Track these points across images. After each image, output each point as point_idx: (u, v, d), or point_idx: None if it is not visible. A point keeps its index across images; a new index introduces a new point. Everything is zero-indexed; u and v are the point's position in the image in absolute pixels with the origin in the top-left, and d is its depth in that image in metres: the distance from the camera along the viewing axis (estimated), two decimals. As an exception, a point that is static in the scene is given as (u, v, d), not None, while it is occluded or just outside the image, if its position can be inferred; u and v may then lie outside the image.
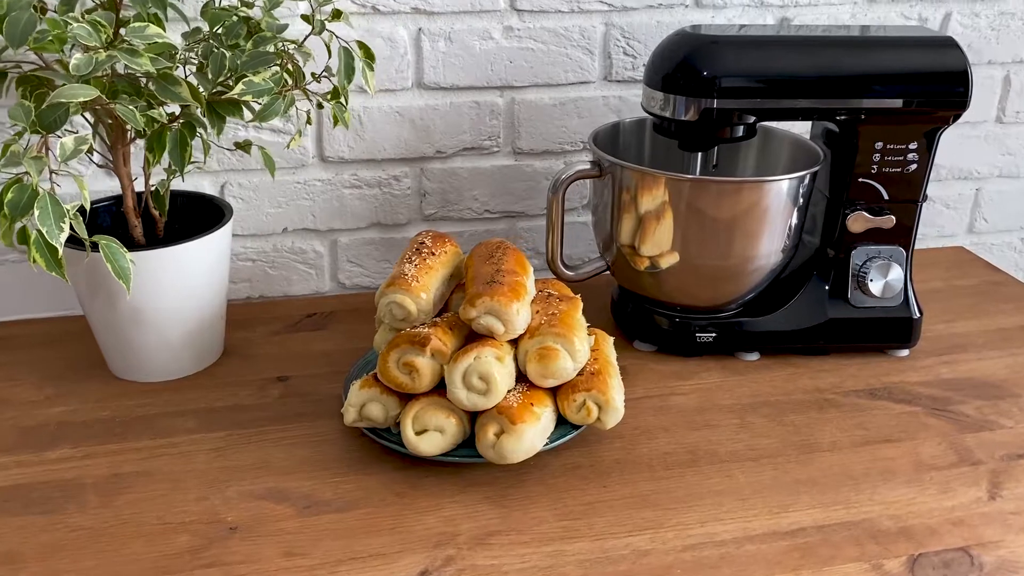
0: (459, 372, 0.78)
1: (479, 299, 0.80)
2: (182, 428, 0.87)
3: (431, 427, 0.79)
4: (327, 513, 0.76)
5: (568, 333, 0.81)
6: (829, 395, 0.94)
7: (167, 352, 0.93)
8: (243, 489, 0.79)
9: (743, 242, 0.93)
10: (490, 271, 0.84)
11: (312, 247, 1.12)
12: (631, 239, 0.95)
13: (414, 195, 1.12)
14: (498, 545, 0.73)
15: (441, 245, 0.90)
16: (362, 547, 0.73)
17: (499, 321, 0.80)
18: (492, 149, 1.13)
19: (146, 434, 0.86)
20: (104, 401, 0.91)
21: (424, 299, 0.83)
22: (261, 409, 0.91)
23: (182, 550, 0.72)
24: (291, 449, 0.84)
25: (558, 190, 0.96)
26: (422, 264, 0.86)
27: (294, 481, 0.80)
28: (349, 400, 0.81)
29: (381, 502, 0.78)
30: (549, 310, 0.84)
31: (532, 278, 0.88)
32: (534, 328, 0.82)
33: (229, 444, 0.85)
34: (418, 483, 0.80)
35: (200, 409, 0.91)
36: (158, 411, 0.90)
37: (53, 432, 0.87)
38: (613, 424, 0.82)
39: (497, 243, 0.89)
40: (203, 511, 0.77)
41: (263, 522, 0.75)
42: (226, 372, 0.97)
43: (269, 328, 1.06)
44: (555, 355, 0.80)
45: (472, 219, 1.15)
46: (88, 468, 0.82)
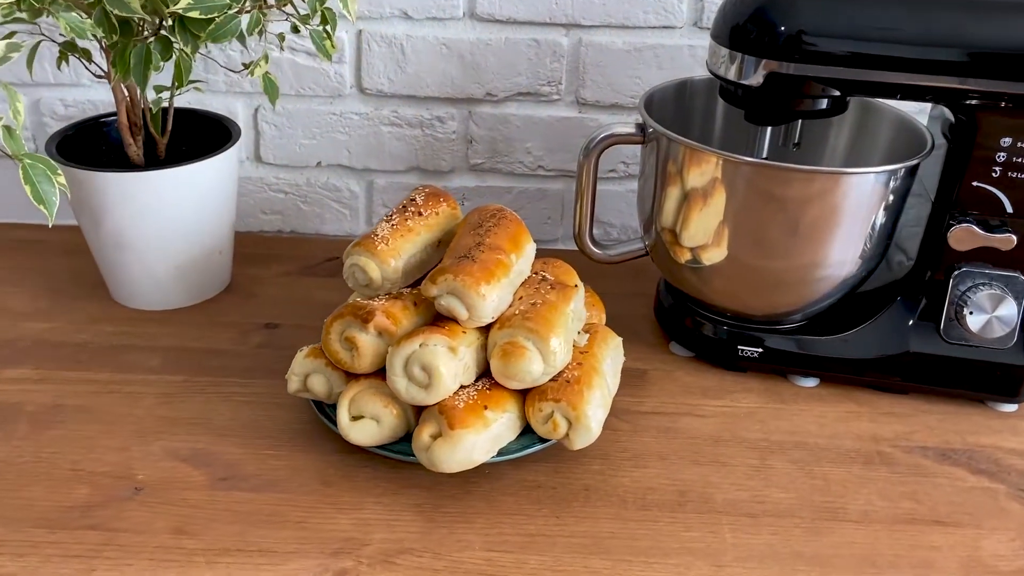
0: (400, 358, 0.67)
1: (442, 276, 0.68)
2: (144, 365, 0.82)
3: (367, 414, 0.69)
4: (240, 490, 0.69)
5: (543, 330, 0.67)
6: (887, 447, 0.76)
7: (150, 281, 0.88)
8: (169, 445, 0.73)
9: (809, 244, 0.75)
10: (469, 244, 0.72)
11: (347, 186, 1.04)
12: (673, 223, 0.79)
13: (459, 140, 1.01)
14: (403, 567, 0.63)
15: (434, 205, 0.78)
16: (256, 539, 0.64)
17: (461, 304, 0.68)
18: (551, 96, 0.98)
19: (108, 366, 0.82)
20: (87, 324, 0.88)
21: (391, 266, 0.72)
22: (232, 357, 0.84)
23: (76, 504, 0.67)
24: (239, 408, 0.77)
25: (591, 153, 0.81)
26: (401, 225, 0.75)
27: (225, 445, 0.73)
28: (293, 368, 0.72)
29: (301, 488, 0.69)
30: (533, 298, 0.71)
31: (527, 257, 0.74)
32: (506, 318, 0.69)
33: (181, 391, 0.79)
34: (350, 473, 0.71)
35: (171, 347, 0.85)
36: (130, 343, 0.85)
37: (23, 349, 0.84)
38: (583, 445, 0.68)
39: (494, 210, 0.76)
40: (118, 464, 0.71)
41: (170, 488, 0.69)
42: (218, 310, 0.91)
43: (284, 267, 0.99)
44: (520, 354, 0.67)
45: (523, 174, 1.02)
46: (35, 394, 0.78)
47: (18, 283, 0.94)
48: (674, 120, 0.84)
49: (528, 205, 1.03)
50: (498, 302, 0.69)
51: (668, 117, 0.83)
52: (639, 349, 0.87)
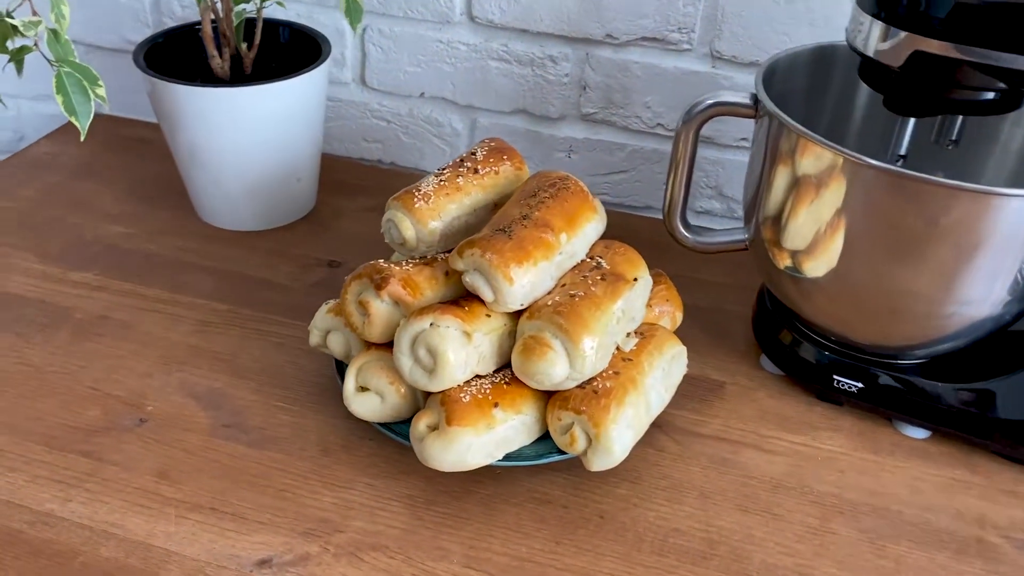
0: (408, 335, 0.59)
1: (469, 249, 0.60)
2: (197, 287, 0.80)
3: (373, 387, 0.62)
4: (238, 443, 0.65)
5: (575, 328, 0.58)
6: (994, 536, 0.61)
7: (224, 200, 0.85)
8: (189, 379, 0.70)
9: (941, 273, 0.60)
10: (514, 215, 0.62)
11: (450, 121, 0.96)
12: (775, 220, 0.66)
13: (572, 85, 0.90)
14: (368, 566, 0.57)
15: (495, 162, 0.69)
16: (234, 500, 0.61)
17: (488, 285, 0.60)
18: (680, 45, 0.85)
19: (164, 282, 0.80)
20: (160, 234, 0.87)
21: (428, 228, 0.65)
22: (283, 292, 0.80)
23: (81, 426, 0.66)
24: (269, 350, 0.73)
25: (691, 122, 0.69)
26: (450, 181, 0.67)
27: (241, 389, 0.69)
28: (315, 321, 0.67)
29: (298, 452, 0.64)
30: (576, 288, 0.61)
31: (584, 238, 0.64)
32: (536, 308, 0.60)
33: (221, 321, 0.76)
34: (352, 445, 0.65)
35: (229, 272, 0.82)
36: (192, 261, 0.83)
37: (94, 253, 0.84)
38: (601, 468, 0.59)
39: (556, 178, 0.66)
40: (135, 389, 0.69)
41: (172, 426, 0.66)
42: (288, 239, 0.87)
43: (371, 201, 0.93)
44: (542, 352, 0.58)
45: (639, 131, 0.90)
46: (88, 301, 0.78)
47: (114, 182, 0.95)
48: (807, 93, 0.70)
49: (642, 166, 0.92)
50: (531, 288, 0.60)
51: (799, 88, 0.69)
52: (724, 355, 0.75)
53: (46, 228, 0.87)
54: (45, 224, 0.87)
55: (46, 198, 0.91)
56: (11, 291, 0.78)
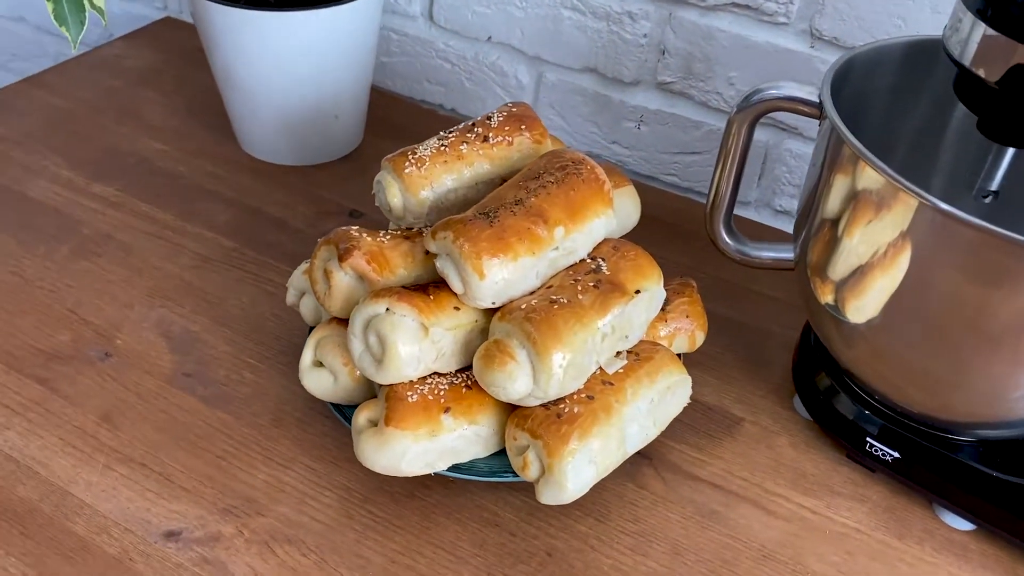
0: (361, 317, 0.53)
1: (443, 231, 0.52)
2: (210, 218, 0.76)
3: (327, 365, 0.57)
4: (193, 396, 0.61)
5: (544, 339, 0.50)
6: (1018, 674, 0.49)
7: (258, 130, 0.81)
8: (169, 316, 0.67)
9: (1016, 348, 0.48)
10: (508, 198, 0.54)
11: (515, 72, 0.87)
12: (822, 244, 0.55)
13: (649, 48, 0.79)
14: (277, 560, 0.52)
15: (510, 131, 0.60)
16: (167, 458, 0.57)
17: (457, 275, 0.52)
18: (776, 17, 0.73)
19: (179, 207, 0.77)
20: (193, 155, 0.83)
21: (419, 198, 0.57)
22: (293, 237, 0.75)
23: (46, 350, 0.63)
24: (259, 299, 0.69)
25: (745, 114, 0.58)
26: (453, 148, 0.59)
27: (216, 337, 0.65)
28: (292, 279, 0.62)
29: (249, 418, 0.60)
30: (562, 293, 0.53)
31: (588, 235, 0.55)
32: (509, 309, 0.52)
33: (222, 259, 0.72)
34: (307, 420, 0.60)
35: (247, 207, 0.78)
36: (214, 189, 0.80)
37: (125, 166, 0.81)
38: (551, 503, 0.51)
39: (570, 160, 0.57)
40: (111, 320, 0.66)
41: (134, 366, 0.63)
42: (319, 179, 0.82)
43: (419, 148, 0.87)
44: (502, 362, 0.50)
45: (719, 109, 0.79)
46: (99, 217, 0.75)
47: (171, 95, 0.92)
48: (891, 95, 0.57)
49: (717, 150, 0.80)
50: (505, 285, 0.52)
51: (884, 88, 0.57)
52: (752, 386, 0.65)
53: (88, 134, 0.85)
54: (88, 130, 0.86)
55: (100, 102, 0.90)
56: (31, 195, 0.77)
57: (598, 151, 0.86)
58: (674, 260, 0.75)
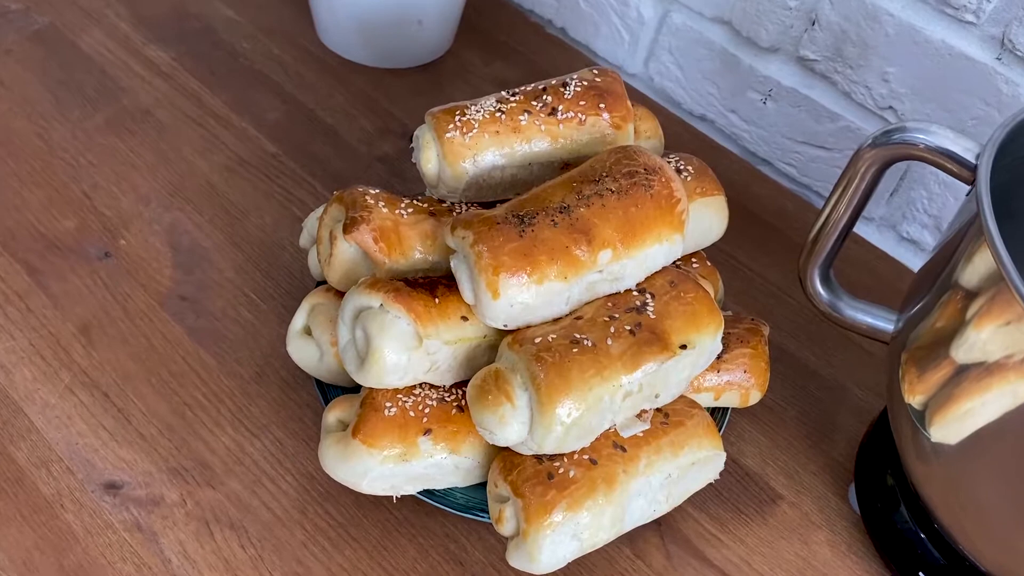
0: (353, 306, 0.45)
1: (463, 229, 0.43)
2: (260, 113, 0.68)
3: (315, 337, 0.50)
4: (182, 325, 0.55)
5: (551, 389, 0.41)
6: None
7: (334, 22, 0.71)
8: (184, 222, 0.60)
9: None
10: (556, 200, 0.44)
11: (638, 5, 0.74)
12: (934, 331, 0.44)
13: (798, 14, 0.65)
14: (212, 546, 0.47)
15: (588, 107, 0.49)
16: (132, 394, 0.52)
17: (470, 283, 0.43)
18: (964, 14, 0.58)
19: (231, 92, 0.69)
20: (267, 36, 0.75)
21: (457, 170, 0.48)
22: (342, 154, 0.67)
23: (47, 234, 0.58)
24: (284, 222, 0.61)
25: (877, 155, 0.45)
26: (509, 117, 0.48)
27: (226, 258, 0.59)
28: (307, 220, 0.54)
29: (232, 367, 0.54)
30: (589, 331, 0.43)
31: (642, 264, 0.45)
32: (524, 338, 0.43)
33: (259, 164, 0.65)
34: (293, 383, 0.53)
35: (303, 107, 0.70)
36: (277, 79, 0.71)
37: (186, 31, 0.74)
38: (518, 567, 0.44)
39: (644, 165, 0.46)
40: (124, 212, 0.60)
41: (132, 274, 0.57)
42: (389, 86, 0.72)
43: (509, 70, 0.76)
44: (494, 401, 0.42)
45: (863, 106, 0.65)
46: (144, 87, 0.68)
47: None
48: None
49: (850, 152, 0.67)
50: (523, 310, 0.43)
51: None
52: (804, 458, 0.55)
53: (161, -16, 0.78)
54: (163, -21, 0.78)
55: (185, -52, 0.82)
56: (82, 48, 0.71)
57: (712, 116, 0.74)
58: (760, 275, 0.64)
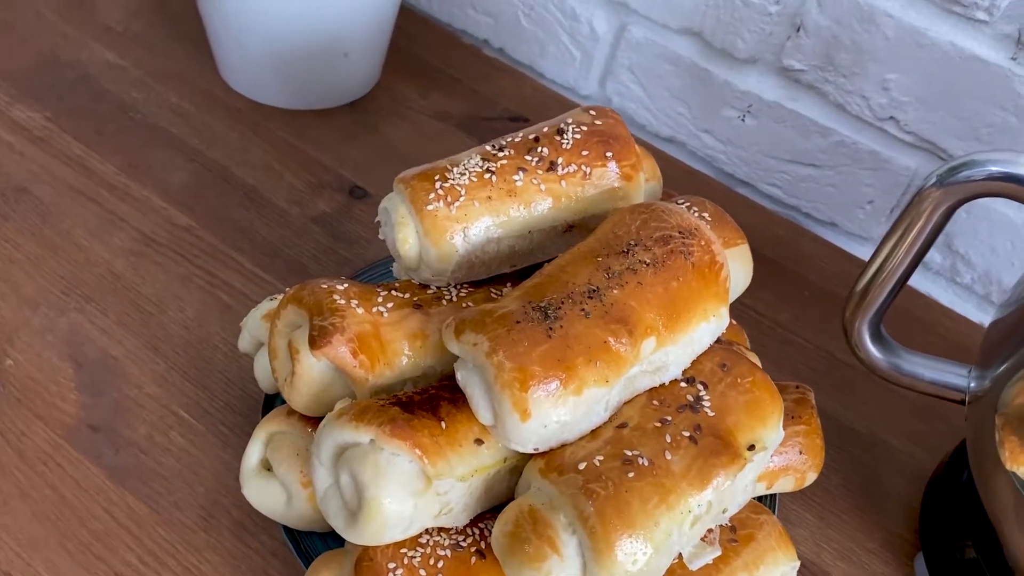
0: (331, 443, 0.35)
1: (473, 334, 0.34)
2: (162, 178, 0.57)
3: (280, 475, 0.39)
4: (96, 463, 0.43)
5: (610, 530, 0.32)
6: None
7: (242, 60, 0.60)
8: (84, 327, 0.48)
9: None
10: (581, 283, 0.35)
11: (590, 18, 0.66)
12: None
13: (780, 19, 0.58)
14: None
15: (591, 158, 0.40)
16: (42, 566, 0.40)
17: (487, 401, 0.34)
18: (974, 12, 0.52)
19: (125, 155, 0.57)
20: (160, 81, 0.63)
21: (444, 248, 0.38)
22: (271, 220, 0.56)
23: None
24: (211, 313, 0.50)
25: (947, 195, 0.38)
26: (501, 177, 0.39)
27: (145, 370, 0.47)
28: (247, 320, 0.43)
29: (171, 512, 0.42)
30: (641, 445, 0.34)
31: (688, 347, 0.37)
32: (560, 463, 0.34)
33: (169, 243, 0.53)
34: (256, 526, 0.43)
35: (215, 165, 0.58)
36: (179, 133, 0.60)
37: (61, 84, 0.61)
38: None
39: (677, 228, 0.37)
40: (3, 324, 0.48)
41: (25, 403, 0.45)
42: (315, 131, 0.62)
43: (450, 102, 0.66)
44: (536, 555, 0.33)
45: (859, 118, 0.58)
46: (15, 159, 0.56)
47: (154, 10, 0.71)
48: None
49: (845, 169, 0.61)
50: (560, 429, 0.34)
51: None
52: (860, 532, 0.47)
53: (20, 30, 0.65)
54: (21, 23, 0.65)
55: (47, -17, 0.69)
56: (-72, 114, 0.58)
57: (683, 138, 0.66)
58: (768, 318, 0.56)
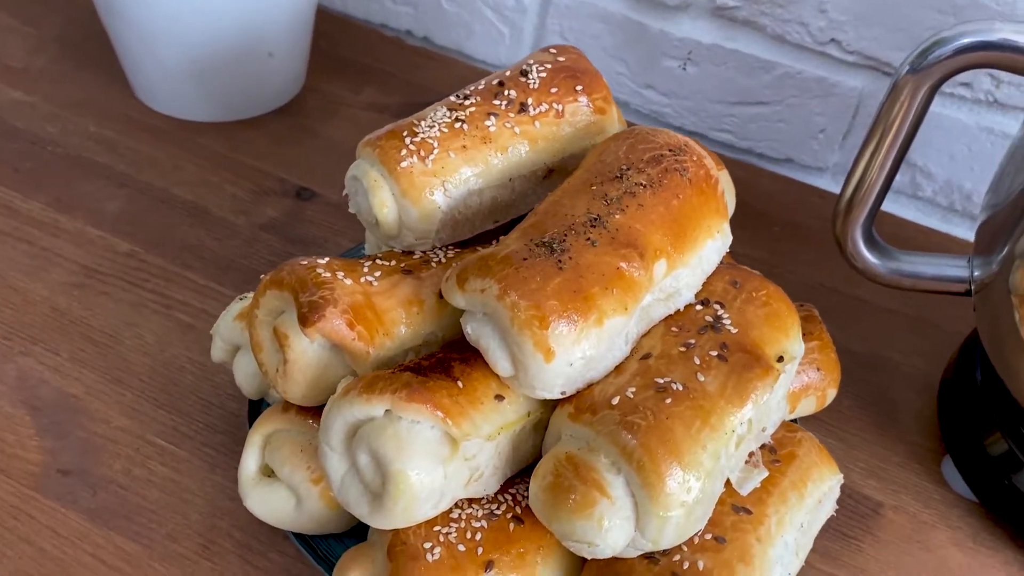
0: (344, 421, 0.32)
1: (480, 279, 0.32)
2: (95, 208, 0.53)
3: (284, 477, 0.36)
4: (73, 508, 0.39)
5: (659, 461, 0.30)
6: None
7: (160, 75, 0.57)
8: (35, 370, 0.44)
9: None
10: (580, 213, 0.33)
11: (515, -11, 0.65)
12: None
13: (708, -41, 0.58)
14: None
15: (561, 95, 0.38)
16: None
17: (504, 349, 0.32)
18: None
19: (51, 191, 0.53)
20: (74, 112, 0.59)
21: (425, 207, 0.36)
22: (220, 232, 0.52)
23: None
24: (172, 336, 0.46)
25: (924, 75, 0.37)
26: (473, 125, 0.37)
27: (110, 403, 0.43)
28: (218, 325, 0.40)
29: (165, 546, 0.39)
30: (671, 371, 0.32)
31: (700, 266, 0.35)
32: (591, 402, 0.32)
33: (113, 272, 0.49)
34: (264, 541, 0.39)
35: (149, 188, 0.55)
36: (104, 162, 0.56)
37: (-34, 126, 0.57)
38: None
39: (667, 146, 0.36)
40: None
41: None
42: (248, 142, 0.59)
43: (383, 95, 0.64)
44: (584, 502, 0.30)
45: (800, 46, 0.58)
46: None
47: (34, 20, 0.66)
48: None
49: (793, 101, 0.60)
50: (585, 365, 0.32)
51: None
52: (883, 450, 0.46)
53: (-87, 78, 0.60)
54: (-86, 72, 0.61)
55: (-67, 31, 0.64)
56: None
57: (625, 97, 0.65)
58: (740, 253, 0.55)
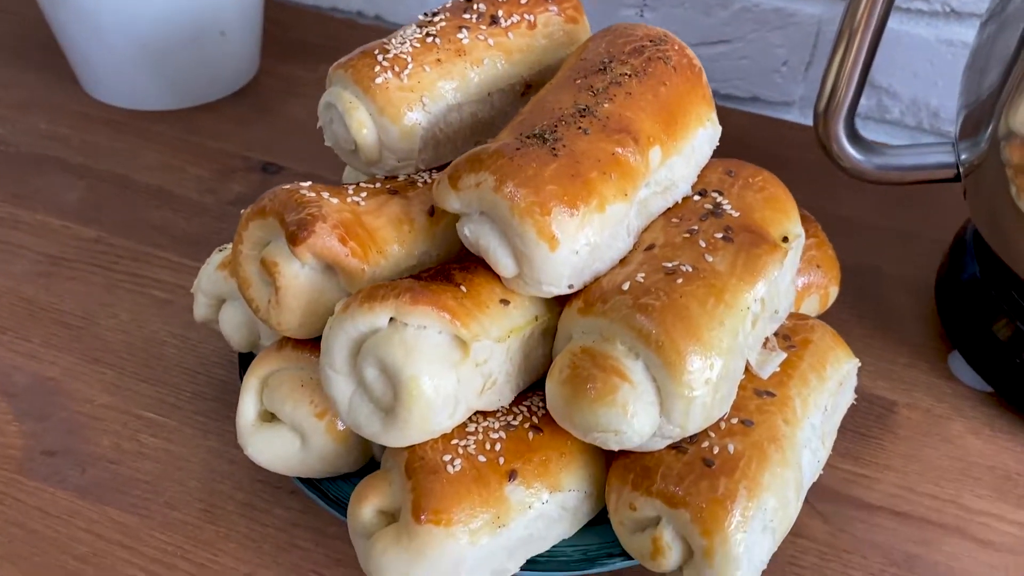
0: (345, 338, 0.31)
1: (474, 173, 0.30)
2: (55, 198, 0.51)
3: (286, 418, 0.34)
4: (62, 487, 0.37)
5: (677, 340, 0.29)
6: None
7: (110, 64, 0.55)
8: (7, 357, 0.42)
9: None
10: (568, 105, 0.32)
11: (463, -47, 0.64)
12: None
13: (655, -101, 0.58)
14: None
15: (532, 5, 0.38)
16: None
17: (505, 246, 0.30)
18: None
19: (7, 186, 0.51)
20: (22, 110, 0.57)
21: (404, 125, 0.35)
22: (188, 212, 0.51)
23: None
24: (148, 313, 0.45)
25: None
26: (447, 40, 0.36)
27: (92, 383, 0.41)
28: (199, 280, 0.38)
29: (165, 514, 0.37)
30: (679, 256, 0.32)
31: (695, 155, 0.34)
32: (601, 293, 0.31)
33: (81, 258, 0.48)
34: (268, 499, 0.37)
35: (109, 175, 0.53)
36: (58, 155, 0.54)
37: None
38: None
39: (647, 38, 0.35)
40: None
41: None
42: (206, 125, 0.57)
43: (343, 71, 0.63)
44: (604, 389, 0.29)
45: (755, -22, 0.58)
46: None
47: None
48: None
49: (753, 37, 0.60)
50: (590, 254, 0.31)
51: None
52: (890, 351, 0.46)
53: None
54: None
55: None
56: None
57: (584, 53, 0.65)
58: (726, 186, 0.55)
